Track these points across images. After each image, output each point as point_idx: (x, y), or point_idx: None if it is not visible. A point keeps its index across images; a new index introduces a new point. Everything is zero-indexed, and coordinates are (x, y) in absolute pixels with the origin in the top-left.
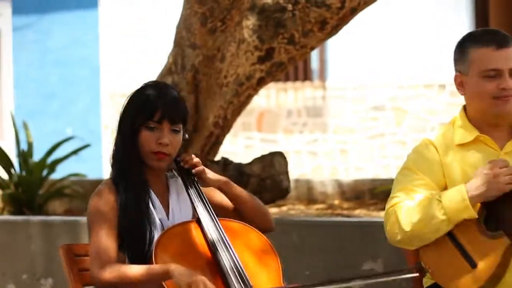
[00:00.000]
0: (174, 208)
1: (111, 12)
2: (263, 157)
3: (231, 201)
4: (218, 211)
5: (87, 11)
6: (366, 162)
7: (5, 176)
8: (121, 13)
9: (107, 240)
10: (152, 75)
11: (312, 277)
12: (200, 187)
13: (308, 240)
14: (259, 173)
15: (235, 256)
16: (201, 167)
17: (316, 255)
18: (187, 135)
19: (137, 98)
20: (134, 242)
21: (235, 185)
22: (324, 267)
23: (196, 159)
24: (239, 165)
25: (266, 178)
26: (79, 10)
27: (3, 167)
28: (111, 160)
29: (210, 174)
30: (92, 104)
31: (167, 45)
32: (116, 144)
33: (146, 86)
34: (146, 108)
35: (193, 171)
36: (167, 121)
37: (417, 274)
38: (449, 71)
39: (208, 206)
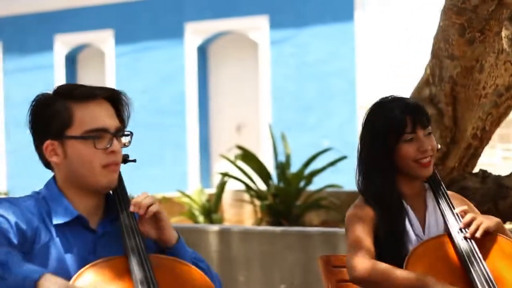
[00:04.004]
0: (431, 222)
1: (367, 25)
2: None
3: None
4: None
5: (343, 24)
6: None
7: (263, 187)
8: (376, 25)
9: (365, 237)
10: (408, 88)
11: None
12: (451, 199)
13: None
14: None
15: (487, 272)
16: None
17: None
18: (439, 146)
19: (381, 117)
20: (390, 264)
21: (505, 227)
22: None
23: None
24: (498, 177)
25: None
26: (335, 23)
27: (262, 178)
28: (361, 182)
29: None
30: (349, 116)
31: (423, 57)
32: (366, 165)
33: (382, 103)
34: (396, 124)
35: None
36: (420, 127)
37: None
38: None
39: (459, 219)
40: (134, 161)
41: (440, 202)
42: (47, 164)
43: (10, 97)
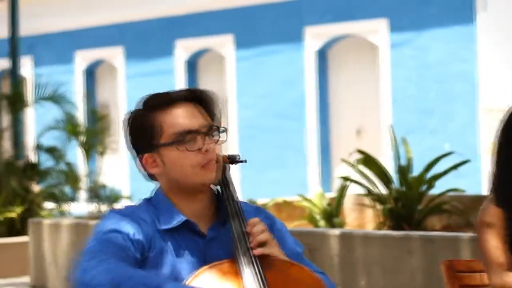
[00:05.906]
0: None
1: (489, 27)
2: None
3: None
4: None
5: (465, 26)
6: None
7: (384, 191)
8: (499, 27)
9: (495, 249)
10: None
11: None
12: None
13: None
14: None
15: None
16: None
17: None
18: None
19: None
20: None
21: None
22: None
23: None
24: None
25: None
26: (456, 26)
27: (383, 182)
28: (495, 184)
29: None
30: (470, 119)
31: None
32: (500, 168)
33: None
34: None
35: None
36: None
37: None
38: None
39: None
40: (244, 161)
41: None
42: (149, 176)
43: (133, 101)
